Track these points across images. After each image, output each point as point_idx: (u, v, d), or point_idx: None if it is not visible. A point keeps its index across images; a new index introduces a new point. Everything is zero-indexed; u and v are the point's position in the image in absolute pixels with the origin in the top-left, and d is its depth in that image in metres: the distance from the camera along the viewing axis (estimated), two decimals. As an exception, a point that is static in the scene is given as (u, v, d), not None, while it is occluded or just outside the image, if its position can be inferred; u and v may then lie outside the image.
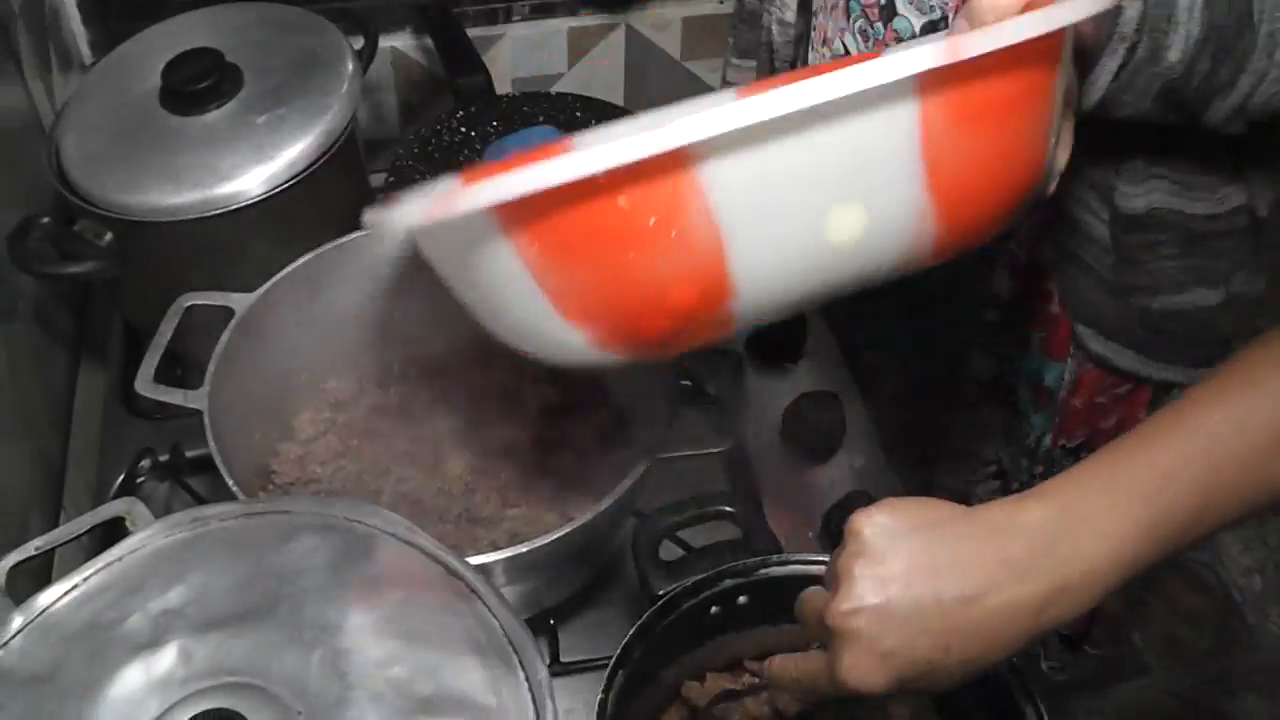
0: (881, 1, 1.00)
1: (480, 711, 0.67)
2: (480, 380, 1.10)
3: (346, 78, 1.17)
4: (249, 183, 1.10)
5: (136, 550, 0.74)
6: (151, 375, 0.98)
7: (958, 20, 0.74)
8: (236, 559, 0.73)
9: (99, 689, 0.66)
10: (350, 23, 1.26)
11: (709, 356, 1.16)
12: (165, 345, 1.00)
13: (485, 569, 0.76)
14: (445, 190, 0.61)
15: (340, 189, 1.19)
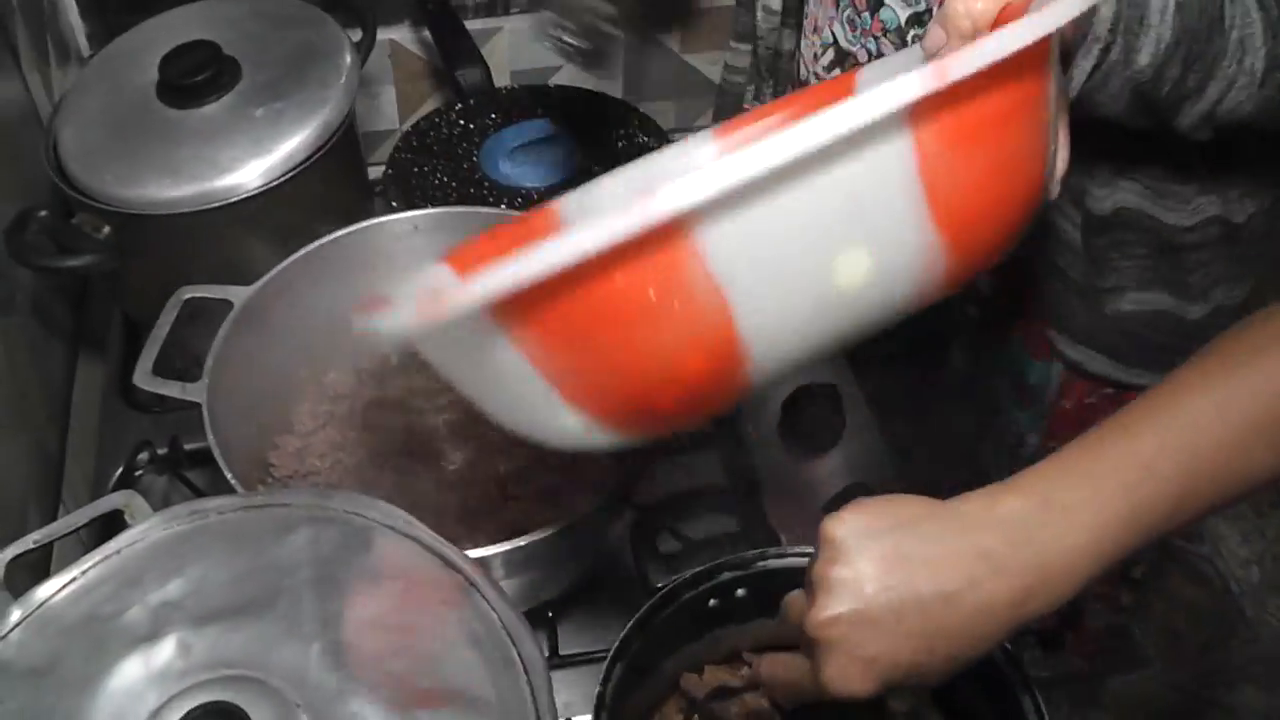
0: None
1: (479, 704, 0.67)
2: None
3: (344, 70, 1.17)
4: (247, 176, 1.10)
5: (135, 543, 0.74)
6: (150, 368, 0.98)
7: (932, 27, 0.73)
8: (235, 552, 0.73)
9: (98, 681, 0.66)
10: (348, 15, 1.25)
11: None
12: (164, 338, 1.00)
13: (484, 562, 0.76)
14: (431, 290, 0.57)
15: (338, 182, 1.19)
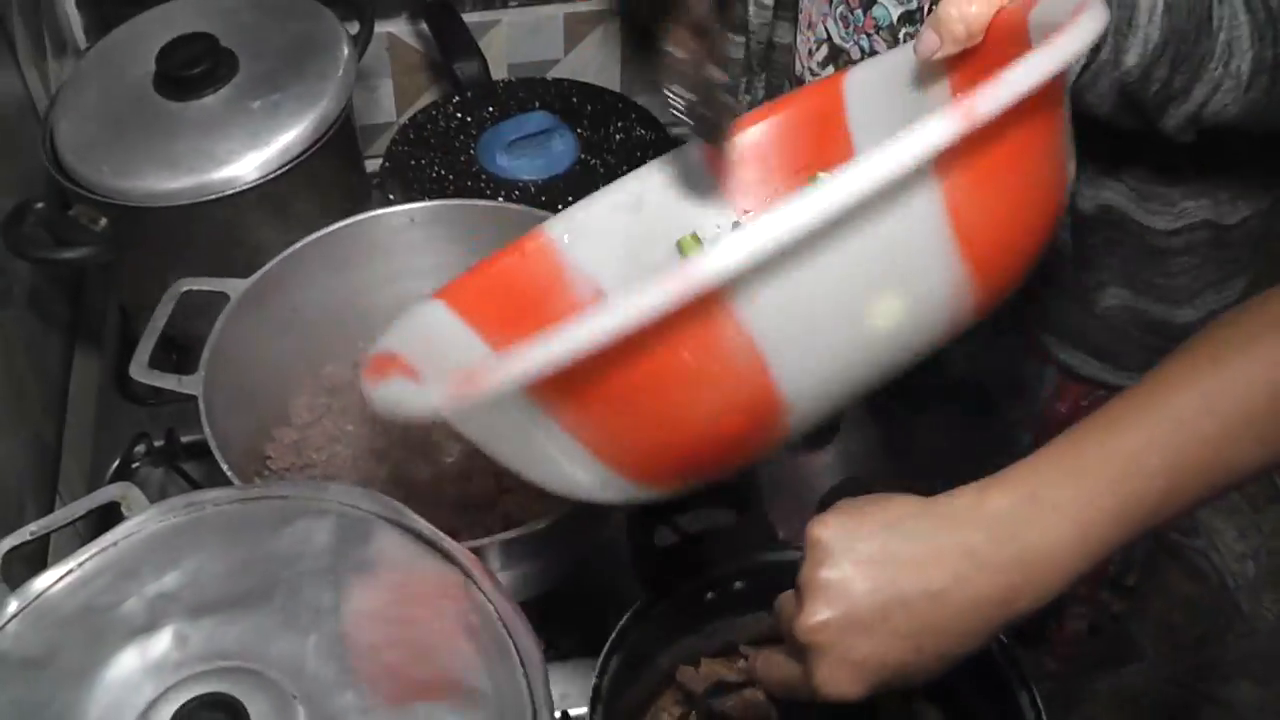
0: None
1: (476, 696, 0.67)
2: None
3: (342, 63, 1.17)
4: (244, 168, 1.10)
5: (132, 535, 0.74)
6: (146, 360, 0.98)
7: (925, 32, 0.73)
8: (232, 544, 0.73)
9: (94, 673, 0.66)
10: (346, 8, 1.25)
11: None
12: (160, 330, 1.00)
13: (480, 553, 0.76)
14: (464, 371, 0.56)
15: (336, 174, 1.19)
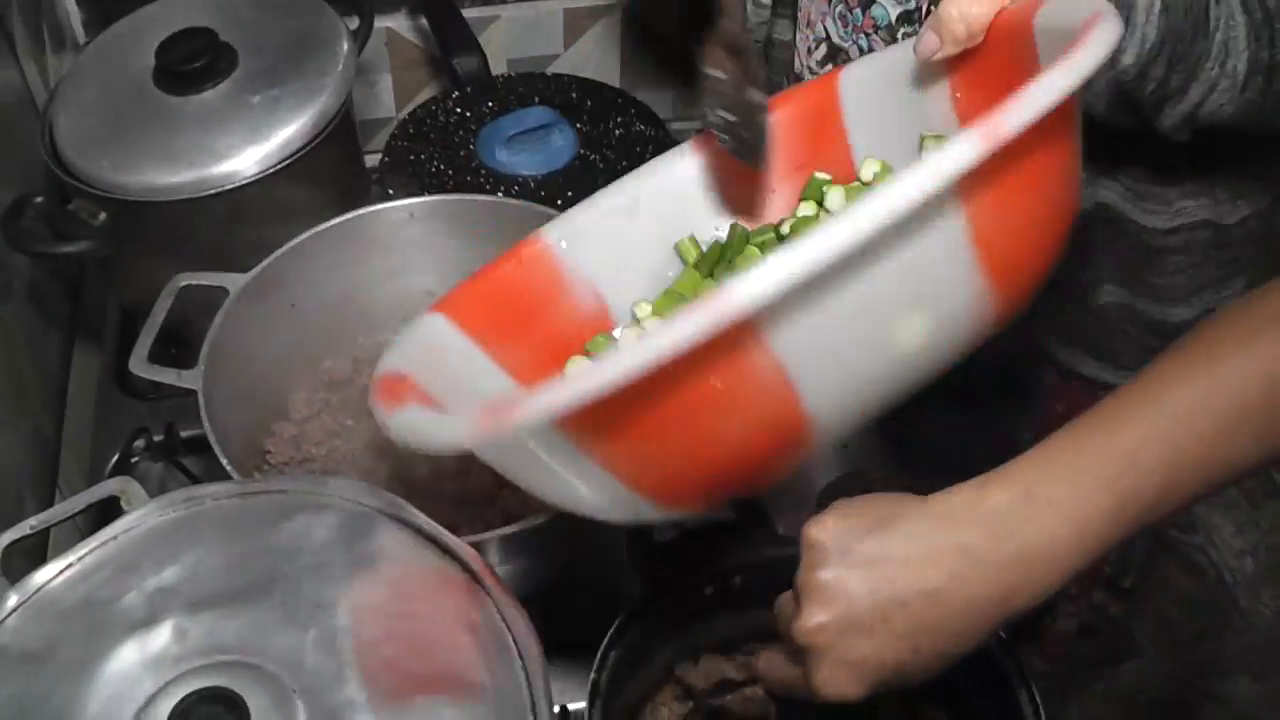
0: None
1: (475, 690, 0.67)
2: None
3: (341, 58, 1.17)
4: (243, 163, 1.10)
5: (131, 529, 0.74)
6: (146, 355, 0.98)
7: (925, 33, 0.73)
8: (231, 538, 0.73)
9: (94, 667, 0.66)
10: (345, 3, 1.25)
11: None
12: (160, 325, 1.00)
13: (480, 548, 0.77)
14: (492, 406, 0.56)
15: (335, 169, 1.19)
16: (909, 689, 0.68)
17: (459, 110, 1.37)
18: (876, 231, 0.52)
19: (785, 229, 0.78)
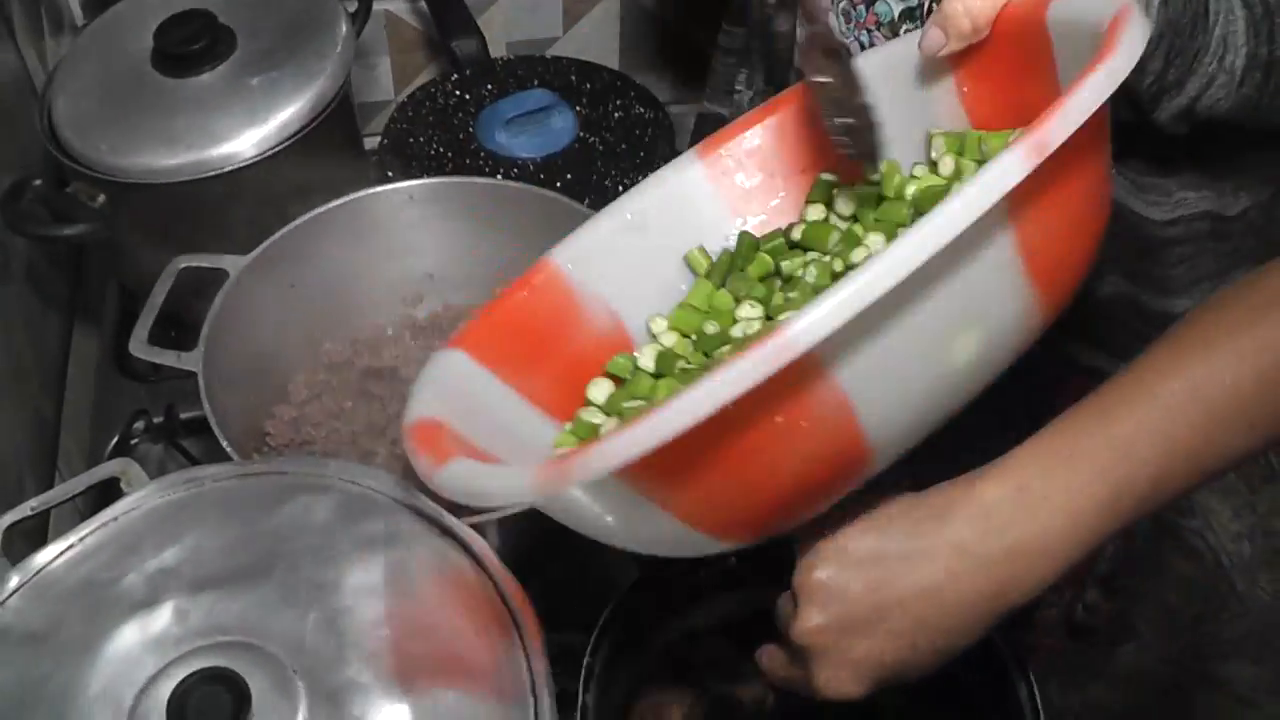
0: None
1: (474, 669, 0.67)
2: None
3: (340, 40, 1.17)
4: (242, 145, 1.10)
5: (132, 511, 0.74)
6: (146, 337, 0.98)
7: (930, 29, 0.72)
8: (231, 519, 0.74)
9: (95, 647, 0.67)
10: (344, -15, 1.25)
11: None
12: (159, 307, 1.00)
13: (479, 530, 0.77)
14: (552, 463, 0.55)
15: (334, 152, 1.18)
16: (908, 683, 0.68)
17: (458, 93, 1.37)
18: (934, 256, 0.52)
19: (795, 235, 0.77)
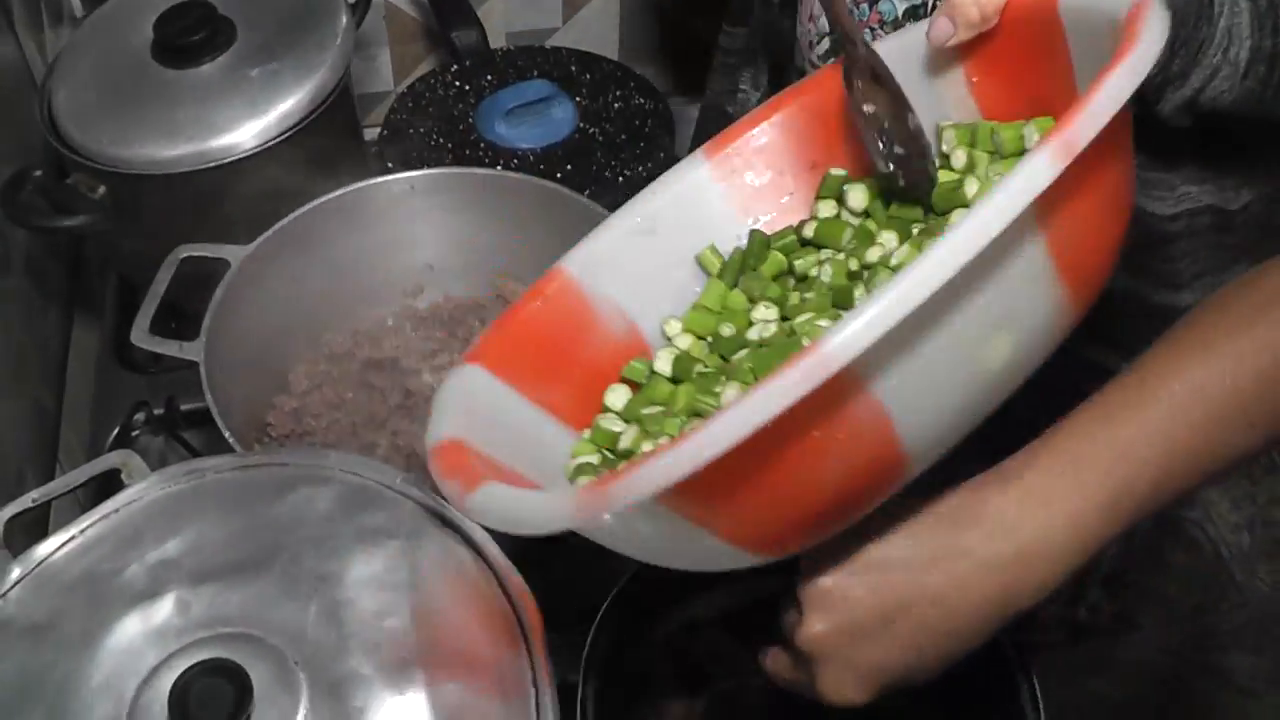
0: None
1: (475, 661, 0.67)
2: (475, 333, 1.10)
3: (340, 31, 1.17)
4: (242, 136, 1.10)
5: (133, 502, 0.74)
6: (147, 327, 0.98)
7: (938, 19, 0.72)
8: (233, 511, 0.73)
9: (97, 639, 0.67)
10: (344, -24, 1.25)
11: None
12: (161, 297, 1.00)
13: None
14: (592, 488, 0.55)
15: (334, 142, 1.18)
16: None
17: (458, 84, 1.37)
18: (969, 263, 0.52)
19: (808, 232, 0.77)
